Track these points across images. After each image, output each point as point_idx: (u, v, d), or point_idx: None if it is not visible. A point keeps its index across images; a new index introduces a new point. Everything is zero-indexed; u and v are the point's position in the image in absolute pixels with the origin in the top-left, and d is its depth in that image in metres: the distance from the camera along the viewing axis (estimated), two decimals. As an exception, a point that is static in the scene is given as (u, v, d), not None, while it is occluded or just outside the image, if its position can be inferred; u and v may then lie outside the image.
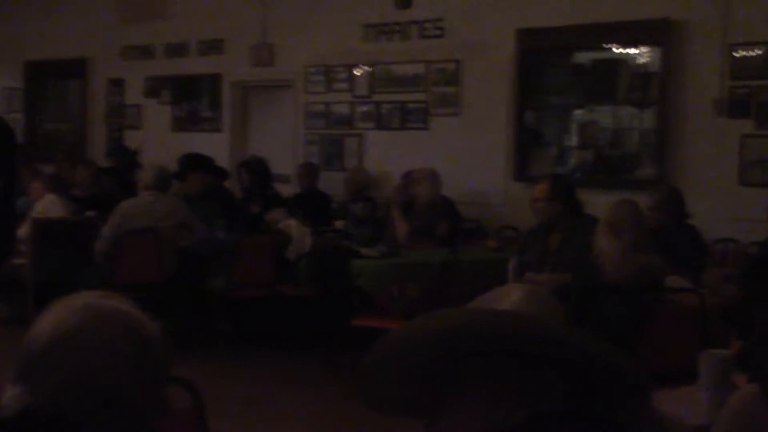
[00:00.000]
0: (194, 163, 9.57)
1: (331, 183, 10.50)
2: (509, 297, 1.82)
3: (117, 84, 13.34)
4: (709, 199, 8.11)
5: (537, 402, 1.64)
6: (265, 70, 11.77)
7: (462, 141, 10.03)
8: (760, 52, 8.18)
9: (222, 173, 10.04)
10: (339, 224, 9.19)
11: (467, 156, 9.93)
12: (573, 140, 9.59)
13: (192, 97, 12.60)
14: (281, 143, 11.55)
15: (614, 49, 9.14)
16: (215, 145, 11.62)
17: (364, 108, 10.97)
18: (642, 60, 9.00)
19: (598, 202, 6.58)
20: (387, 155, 10.63)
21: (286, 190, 10.57)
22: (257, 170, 10.01)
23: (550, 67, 9.60)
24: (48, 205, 9.17)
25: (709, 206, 7.97)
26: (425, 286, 7.48)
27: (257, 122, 12.25)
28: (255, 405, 6.72)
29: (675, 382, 3.78)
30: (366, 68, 10.88)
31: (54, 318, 1.89)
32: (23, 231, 8.42)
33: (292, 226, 8.68)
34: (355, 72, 10.97)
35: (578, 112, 9.56)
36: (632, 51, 9.04)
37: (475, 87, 10.02)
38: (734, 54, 8.30)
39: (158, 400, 1.94)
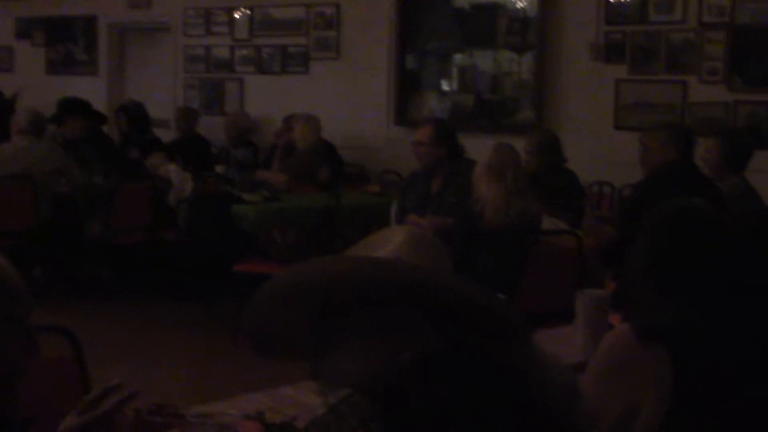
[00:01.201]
0: (72, 107, 9.32)
1: (212, 128, 10.38)
2: (392, 241, 1.84)
3: (-14, 25, 12.92)
4: (585, 142, 8.27)
5: (419, 345, 1.66)
6: (142, 12, 11.52)
7: (343, 85, 10.01)
8: (634, -3, 8.34)
9: (100, 118, 9.81)
10: (220, 169, 9.10)
11: (348, 100, 9.92)
12: (453, 84, 9.65)
13: (66, 39, 12.27)
14: (160, 87, 11.36)
15: (493, -6, 9.21)
16: (91, 89, 11.33)
17: (245, 52, 10.85)
18: (520, 4, 9.07)
19: (477, 147, 6.64)
20: (268, 100, 10.55)
21: (166, 135, 10.40)
22: (135, 115, 9.81)
23: (430, 11, 9.61)
24: None
25: (586, 150, 8.13)
26: (307, 231, 7.48)
27: (135, 66, 12.01)
28: (135, 351, 6.66)
29: (553, 322, 3.87)
30: (246, 11, 10.74)
31: None
32: None
33: (173, 171, 8.56)
34: (234, 15, 10.83)
35: (458, 57, 9.62)
36: (511, -5, 9.12)
37: (356, 31, 9.98)
38: (610, -1, 8.45)
39: (22, 339, 1.95)
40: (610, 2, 8.43)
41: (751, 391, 2.12)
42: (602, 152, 8.36)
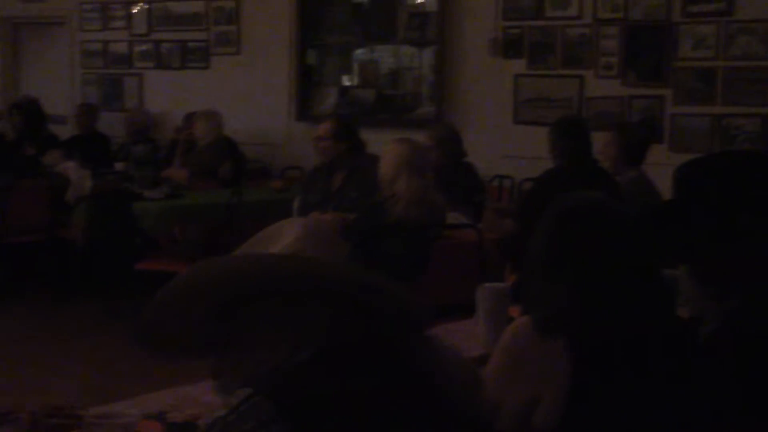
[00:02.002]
0: (-37, 104, 9.13)
1: (111, 124, 10.24)
2: (288, 234, 1.84)
3: None
4: (485, 137, 8.36)
5: (319, 340, 1.67)
6: (36, 6, 11.30)
7: (244, 81, 9.95)
8: (531, -7, 8.44)
9: (-8, 115, 9.62)
10: (120, 166, 8.98)
11: (249, 96, 9.87)
12: (354, 79, 9.67)
13: (-43, 35, 11.97)
14: (56, 83, 11.16)
15: (393, -11, 9.25)
16: (-16, 86, 11.10)
17: (143, 47, 10.71)
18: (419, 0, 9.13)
19: (378, 141, 6.66)
20: (168, 95, 10.44)
21: (63, 131, 10.23)
22: (30, 111, 9.63)
23: (330, 6, 9.61)
24: None
25: (486, 144, 8.22)
26: (209, 228, 7.43)
27: (30, 61, 11.76)
28: (33, 355, 6.54)
29: (456, 316, 3.91)
30: (144, 6, 10.61)
31: None
32: None
33: (71, 168, 8.42)
34: (132, 9, 10.68)
35: (359, 52, 9.64)
36: (410, -9, 9.17)
37: (256, 26, 9.94)
38: (495, -6, 8.54)
39: None
40: (507, -3, 8.53)
41: (648, 381, 2.16)
42: (502, 146, 8.46)
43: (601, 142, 6.09)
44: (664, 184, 3.85)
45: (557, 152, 5.75)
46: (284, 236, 1.82)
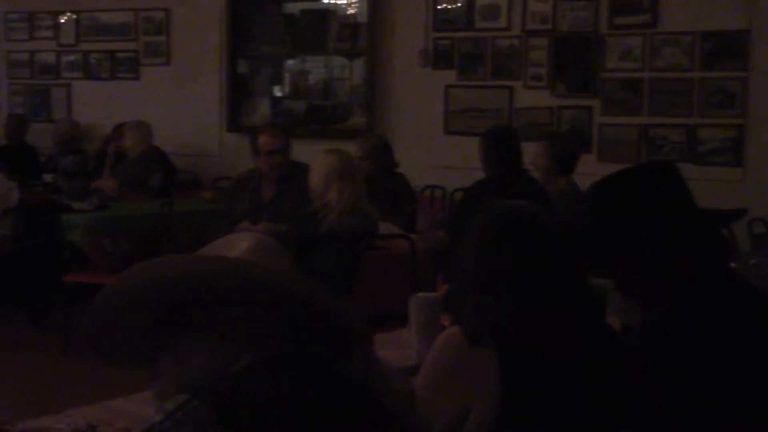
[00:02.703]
0: None
1: (39, 135, 10.10)
2: (238, 246, 1.84)
3: None
4: (416, 147, 8.40)
5: (258, 349, 1.67)
6: (-40, 15, 11.13)
7: (174, 91, 9.90)
8: (460, 4, 8.50)
9: None
10: (48, 178, 8.87)
11: (180, 106, 9.81)
12: (285, 90, 9.66)
13: None
14: (-19, 94, 10.99)
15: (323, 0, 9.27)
16: None
17: (71, 57, 10.60)
18: (351, 11, 9.16)
19: (309, 152, 6.65)
20: (97, 106, 10.34)
21: (-12, 143, 10.10)
22: (-45, 123, 9.50)
23: (260, 17, 9.60)
24: None
25: (417, 154, 8.26)
26: (140, 239, 7.37)
27: (-47, 71, 11.58)
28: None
29: (389, 326, 3.92)
30: (72, 15, 10.50)
31: None
32: None
33: (-3, 180, 8.29)
34: (60, 19, 10.56)
35: (290, 62, 9.64)
36: (341, 1, 9.18)
37: (186, 36, 9.89)
38: (438, 6, 8.59)
39: None
40: (438, 9, 8.59)
41: (577, 390, 2.19)
42: (433, 157, 8.51)
43: (532, 152, 6.15)
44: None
45: (488, 162, 5.79)
46: (234, 248, 1.81)
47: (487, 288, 2.26)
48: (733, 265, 2.58)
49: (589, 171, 6.54)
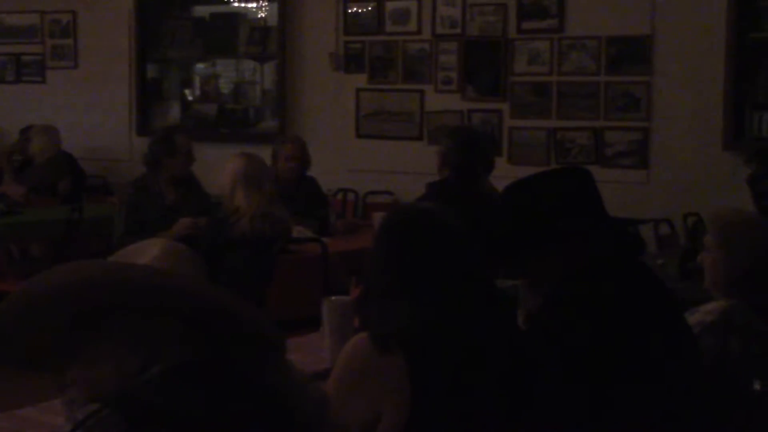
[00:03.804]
0: None
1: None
2: (148, 253, 1.83)
3: None
4: (328, 150, 8.40)
5: (170, 356, 1.66)
6: None
7: (82, 95, 9.77)
8: (370, 8, 8.55)
9: None
10: (-49, 183, 8.69)
11: (88, 110, 9.69)
12: (195, 94, 9.60)
13: None
14: None
15: (233, 3, 9.23)
16: None
17: (-25, 60, 10.41)
18: (260, 14, 9.14)
19: (220, 156, 6.62)
20: (2, 110, 10.15)
21: None
22: None
23: (169, 20, 9.54)
24: None
25: (329, 158, 8.27)
26: (49, 245, 7.26)
27: None
28: None
29: (301, 330, 3.93)
30: (-25, 18, 10.31)
31: None
32: None
33: None
34: (-37, 21, 10.37)
35: (200, 66, 9.59)
36: (250, 5, 9.16)
37: (94, 39, 9.77)
38: (348, 10, 8.62)
39: None
40: (348, 13, 8.62)
41: (487, 393, 2.21)
42: (345, 160, 8.53)
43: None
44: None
45: (450, 164, 5.32)
46: (145, 255, 1.81)
47: (393, 290, 2.27)
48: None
49: (500, 174, 6.64)
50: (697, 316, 2.92)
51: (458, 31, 8.20)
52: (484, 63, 8.13)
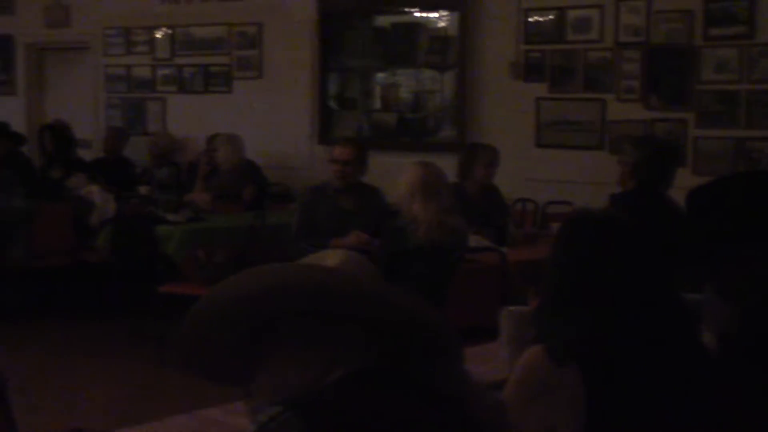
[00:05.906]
0: (-9, 128, 9.21)
1: (134, 148, 10.30)
2: (330, 261, 1.84)
3: None
4: (507, 160, 8.33)
5: (351, 361, 1.67)
6: (60, 31, 11.40)
7: (266, 104, 10.00)
8: (551, 17, 8.46)
9: (18, 138, 9.68)
10: (143, 190, 9.03)
11: (271, 119, 9.91)
12: (376, 103, 9.70)
13: (-17, 60, 12.08)
14: (80, 107, 11.24)
15: (414, 13, 9.28)
16: (10, 110, 11.17)
17: (166, 71, 10.78)
18: (441, 24, 9.17)
19: (400, 165, 6.67)
20: (190, 119, 10.49)
21: (87, 155, 10.31)
22: (60, 134, 9.73)
23: (351, 30, 9.66)
24: None
25: (508, 167, 8.20)
26: (232, 251, 7.45)
27: (54, 85, 11.86)
28: (59, 377, 6.56)
29: (478, 339, 3.91)
30: (167, 30, 10.68)
31: None
32: None
33: (95, 192, 8.48)
34: (155, 34, 10.76)
35: (380, 76, 9.67)
36: (431, 15, 9.20)
37: (278, 50, 9.99)
38: (528, 19, 8.56)
39: None
40: (529, 22, 8.55)
41: (663, 406, 2.14)
42: (524, 170, 8.46)
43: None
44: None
45: (636, 176, 5.09)
46: (327, 264, 1.82)
47: (572, 302, 2.21)
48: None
49: (684, 185, 6.47)
50: None
51: (642, 38, 8.03)
52: (669, 71, 7.93)
